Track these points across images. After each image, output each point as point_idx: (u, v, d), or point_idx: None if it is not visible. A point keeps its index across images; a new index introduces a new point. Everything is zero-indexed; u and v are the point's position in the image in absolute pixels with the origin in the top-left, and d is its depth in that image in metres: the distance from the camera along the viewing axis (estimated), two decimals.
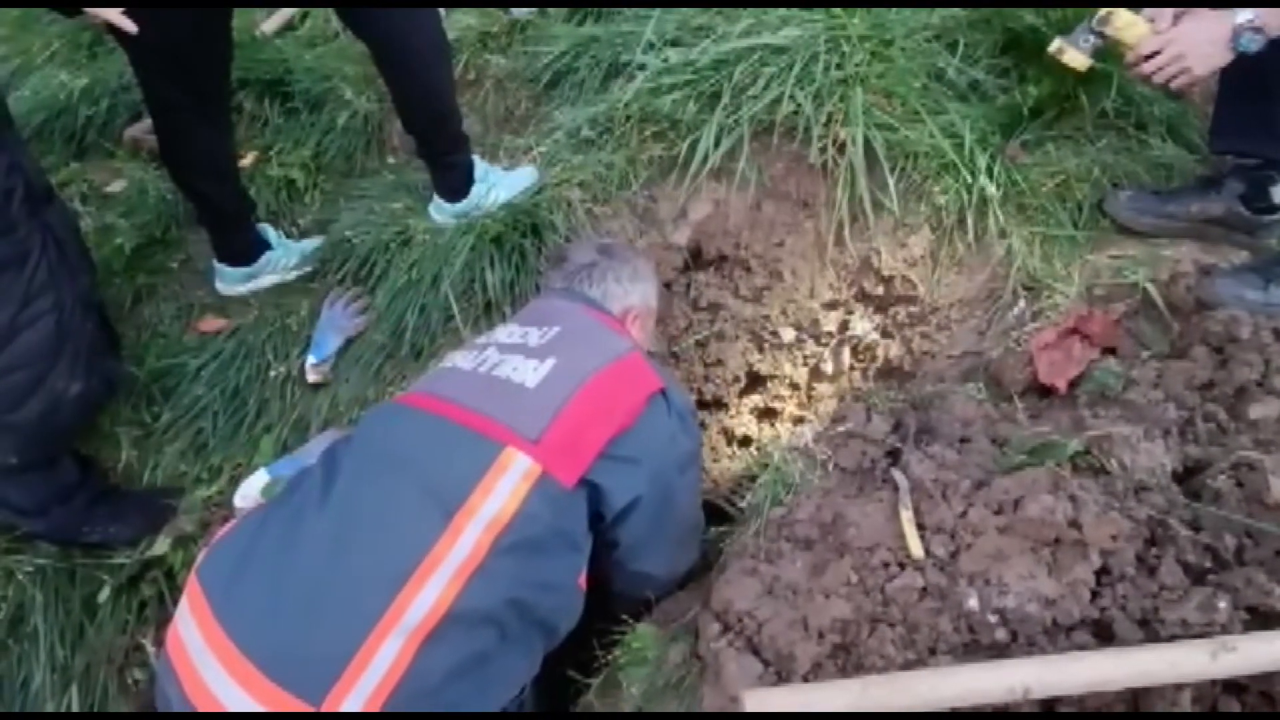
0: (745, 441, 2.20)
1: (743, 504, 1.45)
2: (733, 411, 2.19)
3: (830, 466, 1.44)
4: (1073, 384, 1.46)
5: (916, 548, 1.18)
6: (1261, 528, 1.07)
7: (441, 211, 1.94)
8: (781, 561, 1.29)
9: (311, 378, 1.72)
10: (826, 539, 1.30)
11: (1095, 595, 1.07)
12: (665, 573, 1.35)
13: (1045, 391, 1.50)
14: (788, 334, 2.10)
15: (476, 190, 1.92)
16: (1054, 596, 1.07)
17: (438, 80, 1.74)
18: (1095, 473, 1.20)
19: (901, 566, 1.18)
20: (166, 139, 1.75)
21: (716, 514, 1.76)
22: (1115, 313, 1.53)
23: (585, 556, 1.17)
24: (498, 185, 1.95)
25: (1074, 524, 1.10)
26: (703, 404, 2.15)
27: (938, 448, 1.39)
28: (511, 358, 1.23)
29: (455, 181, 1.91)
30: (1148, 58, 1.42)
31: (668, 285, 2.08)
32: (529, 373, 1.18)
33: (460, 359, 1.28)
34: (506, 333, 1.33)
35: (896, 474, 1.35)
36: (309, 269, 2.00)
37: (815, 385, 2.14)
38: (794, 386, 2.15)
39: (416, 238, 1.88)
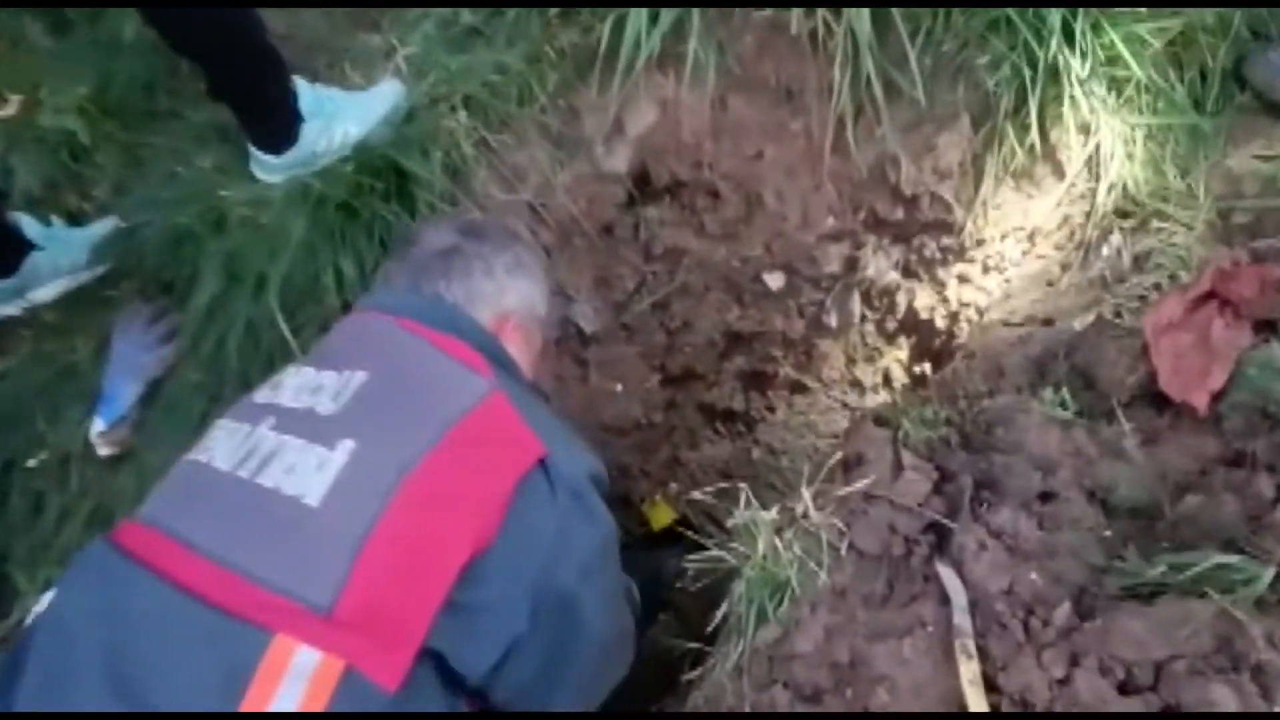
0: (729, 416, 1.72)
1: (717, 615, 1.00)
2: (711, 379, 1.70)
3: (843, 549, 0.97)
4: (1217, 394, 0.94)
5: None
6: None
7: (266, 169, 1.35)
8: None
9: (103, 451, 1.21)
10: (842, 691, 0.86)
11: None
12: (579, 706, 0.92)
13: (1166, 398, 0.99)
14: (775, 280, 1.56)
15: (310, 131, 1.32)
16: None
17: None
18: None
19: None
20: None
21: (689, 548, 1.32)
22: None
23: None
24: (341, 116, 1.35)
25: None
26: (669, 380, 1.65)
27: (1006, 516, 0.92)
28: (291, 442, 0.76)
29: (275, 124, 1.31)
30: None
31: (608, 230, 1.53)
32: (311, 474, 0.73)
33: (220, 445, 0.80)
34: (296, 382, 0.85)
35: (945, 576, 0.88)
36: (108, 265, 1.44)
37: (817, 341, 1.62)
38: (788, 344, 1.64)
39: (233, 215, 1.31)
